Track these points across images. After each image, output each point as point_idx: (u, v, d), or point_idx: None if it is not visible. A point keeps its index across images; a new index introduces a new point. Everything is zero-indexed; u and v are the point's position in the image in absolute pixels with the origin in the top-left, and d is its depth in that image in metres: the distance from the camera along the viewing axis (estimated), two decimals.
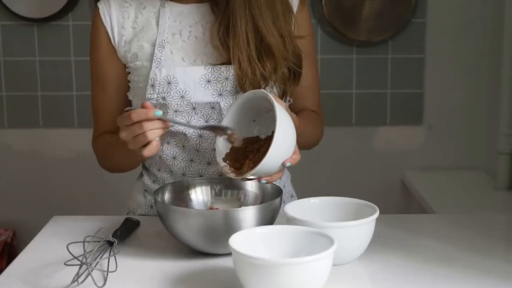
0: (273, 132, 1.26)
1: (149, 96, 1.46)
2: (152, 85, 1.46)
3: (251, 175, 1.28)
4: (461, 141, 2.78)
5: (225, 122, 1.37)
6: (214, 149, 1.49)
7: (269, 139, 1.28)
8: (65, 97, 2.76)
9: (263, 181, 1.31)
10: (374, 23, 2.64)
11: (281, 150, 1.28)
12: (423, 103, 2.76)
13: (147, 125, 1.29)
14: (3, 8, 2.69)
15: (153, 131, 1.30)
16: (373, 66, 2.73)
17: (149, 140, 1.30)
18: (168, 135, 1.50)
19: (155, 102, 1.46)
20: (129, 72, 1.53)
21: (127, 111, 1.35)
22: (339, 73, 2.73)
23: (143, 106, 1.30)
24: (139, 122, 1.29)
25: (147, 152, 1.31)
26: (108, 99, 1.56)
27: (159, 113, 1.29)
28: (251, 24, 1.43)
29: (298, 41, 1.51)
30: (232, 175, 1.32)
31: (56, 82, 2.76)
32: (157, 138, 1.31)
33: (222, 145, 1.37)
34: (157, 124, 1.30)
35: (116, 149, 1.50)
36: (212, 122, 1.48)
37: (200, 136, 1.48)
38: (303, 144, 1.45)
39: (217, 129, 1.35)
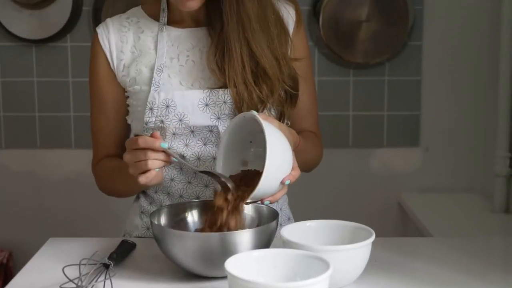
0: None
1: (148, 119, 1.47)
2: (151, 109, 1.47)
3: (251, 199, 1.29)
4: (458, 163, 2.78)
5: (221, 150, 1.38)
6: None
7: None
8: (62, 118, 2.77)
9: (266, 202, 1.31)
10: (371, 45, 2.66)
11: (277, 169, 1.28)
12: (420, 125, 2.77)
13: (150, 154, 1.32)
14: (2, 29, 2.70)
15: (154, 161, 1.33)
16: (370, 88, 2.74)
17: (148, 169, 1.32)
18: None
19: (153, 125, 1.47)
20: (128, 96, 1.53)
21: (136, 135, 1.38)
22: (336, 95, 2.74)
23: (152, 135, 1.33)
24: (144, 149, 1.31)
25: (143, 179, 1.33)
26: (108, 123, 1.56)
27: (165, 145, 1.32)
28: (246, 47, 1.43)
29: (295, 63, 1.52)
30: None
31: (53, 103, 2.76)
32: (157, 169, 1.32)
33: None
34: (160, 155, 1.33)
35: (117, 174, 1.51)
36: (210, 145, 1.48)
37: (199, 158, 1.49)
38: (304, 163, 1.46)
39: (215, 177, 1.36)
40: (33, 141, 2.79)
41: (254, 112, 1.32)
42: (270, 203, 1.33)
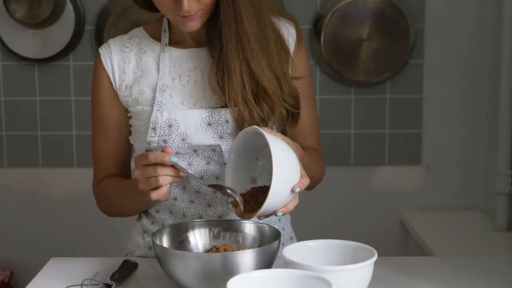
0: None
1: (150, 139, 1.47)
2: (154, 128, 1.47)
3: (263, 213, 1.29)
4: (459, 181, 2.78)
5: (228, 170, 1.39)
6: (215, 191, 1.50)
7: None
8: (64, 137, 2.77)
9: (280, 213, 1.32)
10: (372, 64, 2.66)
11: (286, 178, 1.29)
12: (421, 143, 2.77)
13: (160, 170, 1.33)
14: (5, 49, 2.71)
15: (165, 177, 1.34)
16: (371, 106, 2.74)
17: (159, 185, 1.34)
18: None
19: (156, 145, 1.47)
20: (131, 117, 1.54)
21: (147, 151, 1.39)
22: (338, 113, 2.74)
23: (163, 151, 1.35)
24: (155, 165, 1.33)
25: (155, 195, 1.34)
26: (110, 143, 1.57)
27: (174, 159, 1.34)
28: (245, 67, 1.44)
29: (296, 81, 1.52)
30: (246, 216, 1.33)
31: (56, 121, 2.77)
32: (168, 185, 1.34)
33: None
34: (171, 171, 1.35)
35: (123, 192, 1.52)
36: (213, 165, 1.49)
37: (202, 177, 1.49)
38: (310, 178, 1.47)
39: (224, 190, 1.36)
40: (35, 160, 2.79)
41: (256, 127, 1.33)
42: (283, 214, 1.33)
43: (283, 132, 1.52)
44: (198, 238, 1.41)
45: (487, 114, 2.70)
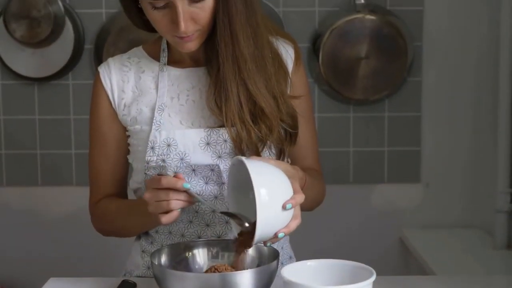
0: None
1: (149, 158, 1.47)
2: (152, 148, 1.48)
3: (260, 238, 1.28)
4: (459, 199, 2.78)
5: (228, 191, 1.39)
6: (213, 211, 1.50)
7: None
8: (63, 155, 2.77)
9: (281, 234, 1.30)
10: (371, 82, 2.67)
11: (272, 198, 1.27)
12: (420, 161, 2.77)
13: (173, 195, 1.34)
14: (4, 68, 2.72)
15: (177, 202, 1.35)
16: (370, 124, 2.75)
17: (171, 209, 1.34)
18: None
19: (154, 164, 1.47)
20: (129, 135, 1.54)
21: (159, 175, 1.39)
22: (337, 131, 2.75)
23: (176, 176, 1.34)
24: (167, 189, 1.33)
25: (165, 219, 1.35)
26: (108, 162, 1.57)
27: (187, 185, 1.33)
28: (243, 87, 1.44)
29: (295, 101, 1.53)
30: (246, 247, 1.33)
31: (55, 140, 2.77)
32: (179, 210, 1.34)
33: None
34: (183, 196, 1.35)
35: (125, 213, 1.52)
36: (211, 184, 1.49)
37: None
38: (311, 200, 1.46)
39: (235, 218, 1.36)
40: (34, 179, 2.79)
41: (238, 157, 1.33)
42: (285, 235, 1.31)
43: (282, 151, 1.52)
44: (196, 258, 1.41)
45: (486, 131, 2.70)
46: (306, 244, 1.95)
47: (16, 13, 2.61)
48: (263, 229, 1.27)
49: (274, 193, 1.28)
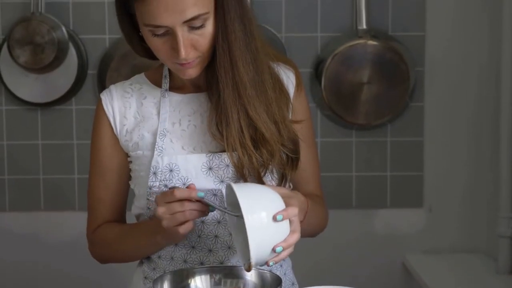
0: None
1: (151, 183, 1.48)
2: (154, 173, 1.48)
3: (256, 258, 1.28)
4: (461, 224, 2.77)
5: (237, 240, 1.39)
6: (216, 236, 1.50)
7: None
8: (66, 180, 2.78)
9: (278, 248, 1.29)
10: (373, 107, 2.68)
11: (261, 214, 1.28)
12: (423, 185, 2.77)
13: (188, 205, 1.35)
14: (8, 93, 2.73)
15: (192, 212, 1.36)
16: (372, 149, 2.75)
17: (186, 219, 1.35)
18: None
19: (157, 189, 1.48)
20: (131, 161, 1.55)
21: (171, 188, 1.40)
22: (339, 156, 2.75)
23: (188, 187, 1.36)
24: (180, 201, 1.34)
25: (183, 229, 1.36)
26: (108, 189, 1.57)
27: (202, 194, 1.35)
28: (243, 113, 1.45)
29: (296, 126, 1.53)
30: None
31: (58, 165, 2.77)
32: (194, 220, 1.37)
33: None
34: (197, 206, 1.36)
35: (129, 236, 1.52)
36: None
37: (202, 222, 1.49)
38: (313, 224, 1.47)
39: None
40: (37, 204, 2.79)
41: (229, 183, 1.34)
42: (283, 249, 1.30)
43: (284, 176, 1.52)
44: (199, 285, 1.41)
45: (489, 156, 2.70)
46: (308, 269, 1.95)
47: (20, 39, 2.62)
48: (257, 246, 1.27)
49: (261, 209, 1.28)
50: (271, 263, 1.32)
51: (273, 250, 1.29)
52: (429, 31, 2.72)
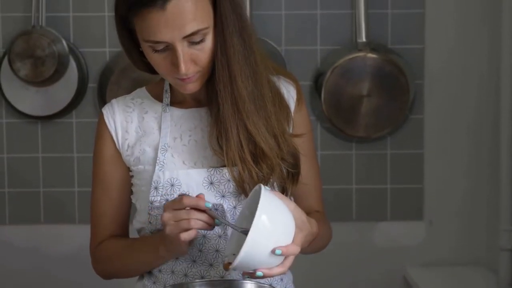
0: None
1: (153, 198, 1.48)
2: (156, 188, 1.48)
3: (240, 263, 1.28)
4: (462, 236, 2.77)
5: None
6: (217, 250, 1.50)
7: None
8: (67, 193, 2.78)
9: (259, 273, 1.30)
10: (373, 119, 2.68)
11: (268, 234, 1.28)
12: (423, 198, 2.77)
13: (194, 213, 1.35)
14: (8, 106, 2.73)
15: (197, 221, 1.35)
16: (372, 161, 2.75)
17: (190, 227, 1.34)
18: None
19: (158, 204, 1.48)
20: (132, 176, 1.55)
21: (181, 195, 1.41)
22: (339, 169, 2.75)
23: (198, 196, 1.37)
24: (187, 209, 1.34)
25: (185, 235, 1.35)
26: (111, 204, 1.57)
27: (209, 204, 1.35)
28: (242, 128, 1.45)
29: (297, 140, 1.53)
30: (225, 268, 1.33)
31: (58, 178, 2.77)
32: (197, 230, 1.36)
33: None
34: (204, 216, 1.36)
35: (132, 249, 1.52)
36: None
37: (204, 236, 1.49)
38: (319, 246, 1.47)
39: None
40: (37, 216, 2.79)
41: (260, 185, 1.34)
42: (263, 275, 1.30)
43: (284, 190, 1.52)
44: None
45: (489, 168, 2.70)
46: (309, 282, 1.95)
47: (20, 52, 2.63)
48: (244, 260, 1.27)
49: (270, 232, 1.28)
50: (245, 277, 1.34)
51: (254, 270, 1.30)
52: (429, 44, 2.73)
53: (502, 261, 2.51)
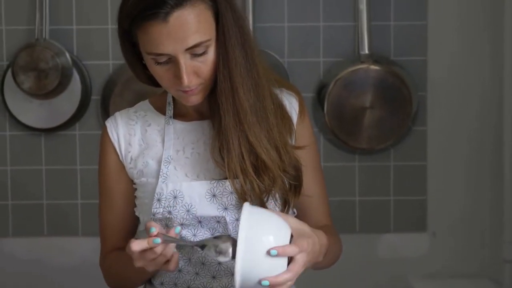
0: None
1: (155, 210, 1.48)
2: (159, 200, 1.48)
3: (241, 279, 1.27)
4: (466, 248, 2.76)
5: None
6: (219, 263, 1.49)
7: None
8: (70, 205, 2.78)
9: (264, 282, 1.28)
10: (376, 131, 2.68)
11: (258, 240, 1.27)
12: (426, 210, 2.77)
13: (159, 249, 1.33)
14: (12, 119, 2.74)
15: (167, 250, 1.35)
16: (375, 173, 2.75)
17: (167, 259, 1.35)
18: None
19: (161, 216, 1.48)
20: (136, 188, 1.55)
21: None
22: (342, 181, 2.75)
23: (146, 226, 1.35)
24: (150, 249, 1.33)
25: (172, 266, 1.36)
26: (116, 216, 1.58)
27: (158, 240, 1.32)
28: (244, 140, 1.45)
29: (301, 152, 1.53)
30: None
31: (61, 190, 2.78)
32: (174, 250, 1.36)
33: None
34: (165, 245, 1.34)
35: (127, 259, 1.51)
36: (218, 234, 1.49)
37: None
38: (334, 257, 1.51)
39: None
40: (41, 229, 2.79)
41: (244, 205, 1.34)
42: (269, 284, 1.28)
43: (286, 202, 1.52)
44: None
45: (492, 180, 2.70)
46: None
47: (24, 65, 2.64)
48: (243, 274, 1.26)
49: (261, 236, 1.28)
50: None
51: (259, 282, 1.27)
52: (431, 55, 2.73)
53: (506, 273, 2.50)
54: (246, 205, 1.33)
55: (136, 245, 1.33)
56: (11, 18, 2.72)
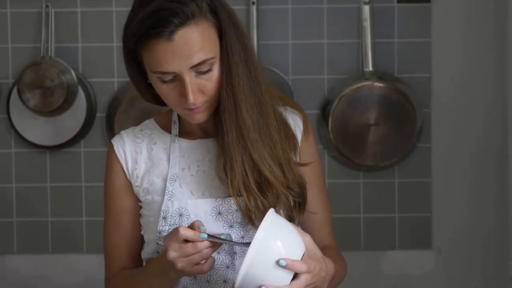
0: None
1: (161, 228, 1.48)
2: (164, 217, 1.49)
3: (242, 278, 1.27)
4: (471, 265, 2.76)
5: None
6: (225, 281, 1.49)
7: None
8: (75, 223, 2.78)
9: None
10: (380, 148, 2.68)
11: (271, 246, 1.28)
12: (431, 227, 2.76)
13: (201, 245, 1.36)
14: (17, 136, 2.75)
15: (208, 250, 1.37)
16: (380, 190, 2.75)
17: (204, 258, 1.37)
18: None
19: (166, 234, 1.48)
20: (141, 207, 1.55)
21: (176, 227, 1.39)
22: (347, 198, 2.75)
23: (192, 225, 1.38)
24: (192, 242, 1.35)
25: (206, 267, 1.38)
26: (123, 235, 1.57)
27: (204, 235, 1.35)
28: (247, 156, 1.46)
29: (305, 170, 1.53)
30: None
31: (66, 207, 2.78)
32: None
33: None
34: (209, 243, 1.37)
35: (141, 278, 1.51)
36: (223, 254, 1.49)
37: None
38: (338, 283, 1.49)
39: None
40: (45, 246, 2.79)
41: (270, 211, 1.34)
42: None
43: (291, 219, 1.52)
44: None
45: (497, 196, 2.70)
46: None
47: (30, 83, 2.65)
48: (249, 268, 1.26)
49: (276, 243, 1.29)
50: None
51: (259, 287, 1.29)
52: (435, 72, 2.73)
53: None
54: (272, 210, 1.35)
55: (183, 230, 1.35)
56: (17, 36, 2.73)
